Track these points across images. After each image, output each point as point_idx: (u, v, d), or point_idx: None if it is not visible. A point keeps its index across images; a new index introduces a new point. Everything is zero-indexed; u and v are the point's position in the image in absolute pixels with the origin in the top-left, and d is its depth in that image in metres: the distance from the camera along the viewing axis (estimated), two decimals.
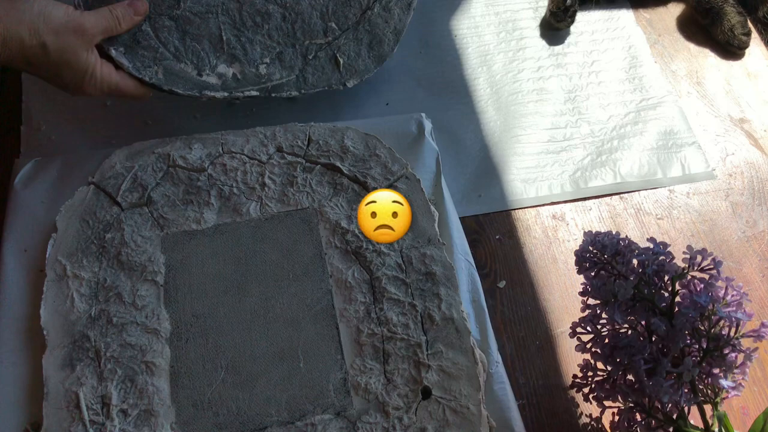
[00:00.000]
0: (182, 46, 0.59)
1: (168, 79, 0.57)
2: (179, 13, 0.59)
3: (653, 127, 0.68)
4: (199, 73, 0.58)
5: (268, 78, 0.60)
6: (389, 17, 0.64)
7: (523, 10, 0.77)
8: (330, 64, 0.62)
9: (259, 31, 0.61)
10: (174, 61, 0.58)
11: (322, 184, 0.58)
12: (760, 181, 0.66)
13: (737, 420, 0.53)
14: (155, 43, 0.58)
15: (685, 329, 0.43)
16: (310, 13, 0.62)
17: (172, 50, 0.58)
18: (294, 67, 0.61)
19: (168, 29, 0.58)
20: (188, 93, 0.58)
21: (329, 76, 0.62)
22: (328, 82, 0.61)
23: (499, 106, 0.69)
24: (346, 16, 0.63)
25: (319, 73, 0.61)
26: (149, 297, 0.52)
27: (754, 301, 0.59)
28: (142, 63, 0.57)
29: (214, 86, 0.58)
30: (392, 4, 0.64)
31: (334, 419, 0.48)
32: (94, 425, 0.46)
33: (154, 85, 0.57)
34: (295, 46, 0.61)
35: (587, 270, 0.48)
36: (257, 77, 0.59)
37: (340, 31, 0.62)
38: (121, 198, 0.55)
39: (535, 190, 0.63)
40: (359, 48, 0.63)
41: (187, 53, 0.59)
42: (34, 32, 0.49)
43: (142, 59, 0.57)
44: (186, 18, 0.59)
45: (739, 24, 0.73)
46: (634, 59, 0.74)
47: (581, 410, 0.53)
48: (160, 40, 0.58)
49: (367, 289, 0.53)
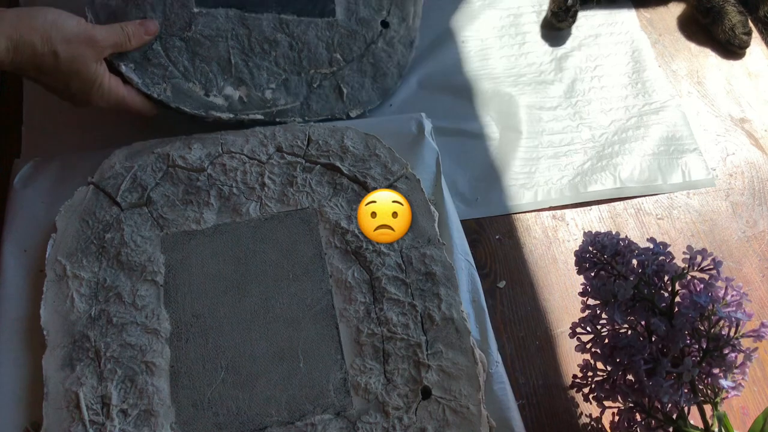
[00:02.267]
0: (191, 67, 0.60)
1: (176, 97, 0.59)
2: (190, 35, 0.60)
3: (655, 132, 0.67)
4: (206, 93, 0.60)
5: (273, 103, 0.61)
6: (392, 52, 0.67)
7: (525, 13, 0.77)
8: (334, 94, 0.64)
9: (266, 57, 0.62)
10: (182, 80, 0.59)
11: (322, 184, 0.58)
12: (761, 181, 0.66)
13: (737, 420, 0.53)
14: (165, 61, 0.59)
15: (685, 329, 0.43)
16: (316, 43, 0.64)
17: (181, 69, 0.60)
18: (299, 94, 0.63)
19: (178, 49, 0.60)
20: (195, 112, 0.59)
21: (333, 105, 0.64)
22: (332, 111, 0.63)
23: (500, 108, 0.69)
24: (350, 48, 0.65)
25: (323, 101, 0.63)
26: (149, 297, 0.52)
27: (754, 301, 0.59)
28: (151, 80, 0.58)
29: (220, 107, 0.60)
30: (395, 40, 0.67)
31: (334, 419, 0.48)
32: (94, 425, 0.46)
33: (161, 102, 0.58)
34: (300, 74, 0.63)
35: (587, 270, 0.48)
36: (263, 101, 0.61)
37: (345, 62, 0.65)
38: (121, 198, 0.55)
39: (534, 194, 0.63)
40: (363, 80, 0.65)
41: (196, 73, 0.60)
42: (47, 40, 0.49)
43: (151, 76, 0.58)
44: (196, 40, 0.61)
45: (739, 23, 0.73)
46: (638, 63, 0.73)
47: (581, 410, 0.53)
48: (170, 59, 0.59)
49: (367, 289, 0.53)
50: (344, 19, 0.66)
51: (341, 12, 0.66)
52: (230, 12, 0.62)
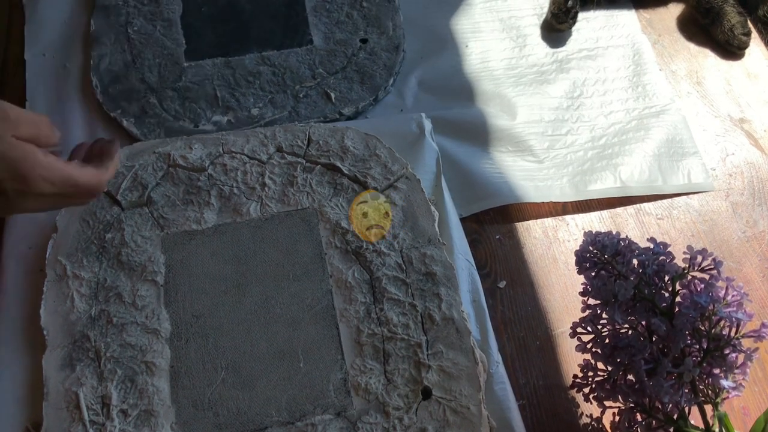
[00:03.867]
0: (181, 108, 0.65)
1: (168, 136, 0.62)
2: (180, 85, 0.66)
3: (656, 134, 0.67)
4: (195, 125, 0.64)
5: (261, 117, 0.65)
6: (376, 59, 0.69)
7: (526, 15, 0.76)
8: (322, 99, 0.66)
9: (251, 86, 0.67)
10: (173, 121, 0.64)
11: (322, 184, 0.58)
12: (760, 181, 0.66)
13: (738, 420, 0.53)
14: (159, 110, 0.64)
15: (686, 329, 0.43)
16: (298, 66, 0.68)
17: (172, 113, 0.64)
18: (286, 105, 0.66)
19: (171, 98, 0.65)
20: None
21: (323, 108, 0.66)
22: (323, 113, 0.65)
23: (500, 108, 0.69)
24: (332, 63, 0.69)
25: (312, 107, 0.66)
26: (149, 297, 0.52)
27: (755, 301, 0.59)
28: (148, 129, 0.63)
29: (209, 132, 0.63)
30: (378, 49, 0.70)
31: (334, 419, 0.48)
32: (94, 425, 0.46)
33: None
34: (285, 91, 0.67)
35: (587, 270, 0.48)
36: (250, 119, 0.65)
37: (328, 74, 0.68)
38: (121, 197, 0.55)
39: (534, 194, 0.63)
40: (351, 84, 0.67)
41: (186, 113, 0.65)
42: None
43: (148, 126, 0.63)
44: (186, 87, 0.66)
45: (739, 24, 0.73)
46: (638, 66, 0.73)
47: (581, 410, 0.53)
48: (164, 108, 0.65)
49: (367, 289, 0.53)
50: (322, 44, 0.70)
51: (319, 40, 0.70)
52: (216, 60, 0.68)
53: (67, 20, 0.71)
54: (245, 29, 0.70)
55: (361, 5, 0.73)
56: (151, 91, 0.65)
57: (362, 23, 0.71)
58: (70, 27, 0.70)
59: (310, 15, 0.72)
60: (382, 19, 0.72)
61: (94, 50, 0.68)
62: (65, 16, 0.71)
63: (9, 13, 0.72)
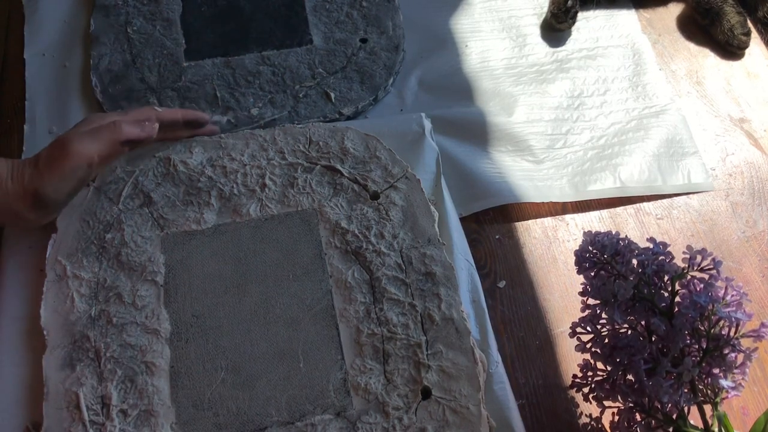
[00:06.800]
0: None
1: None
2: (180, 85, 0.66)
3: (655, 134, 0.67)
4: None
5: (261, 117, 0.65)
6: (376, 59, 0.69)
7: (525, 15, 0.76)
8: (322, 99, 0.66)
9: (251, 86, 0.67)
10: None
11: (322, 184, 0.58)
12: (760, 181, 0.66)
13: (737, 420, 0.53)
14: None
15: (685, 329, 0.43)
16: (297, 65, 0.68)
17: None
18: (285, 105, 0.66)
19: (171, 99, 0.65)
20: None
21: (322, 108, 0.66)
22: (322, 113, 0.66)
23: (500, 108, 0.69)
24: (332, 63, 0.69)
25: (311, 107, 0.66)
26: (149, 297, 0.52)
27: (754, 301, 0.59)
28: None
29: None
30: (378, 49, 0.70)
31: (334, 419, 0.48)
32: (94, 425, 0.46)
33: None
34: (285, 91, 0.66)
35: (587, 270, 0.48)
36: (250, 118, 0.65)
37: (328, 74, 0.68)
38: (123, 205, 0.55)
39: (534, 194, 0.63)
40: (350, 84, 0.67)
41: None
42: None
43: None
44: (186, 87, 0.66)
45: (738, 24, 0.73)
46: (638, 66, 0.73)
47: (581, 410, 0.53)
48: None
49: (367, 290, 0.53)
50: (322, 44, 0.70)
51: (319, 40, 0.70)
52: (216, 60, 0.68)
53: (66, 20, 0.71)
54: (245, 29, 0.70)
55: (361, 5, 0.73)
56: (150, 90, 0.65)
57: (362, 23, 0.71)
58: (69, 27, 0.71)
59: (310, 15, 0.72)
60: (382, 19, 0.72)
61: (93, 50, 0.68)
62: (65, 16, 0.71)
63: (9, 13, 0.72)
